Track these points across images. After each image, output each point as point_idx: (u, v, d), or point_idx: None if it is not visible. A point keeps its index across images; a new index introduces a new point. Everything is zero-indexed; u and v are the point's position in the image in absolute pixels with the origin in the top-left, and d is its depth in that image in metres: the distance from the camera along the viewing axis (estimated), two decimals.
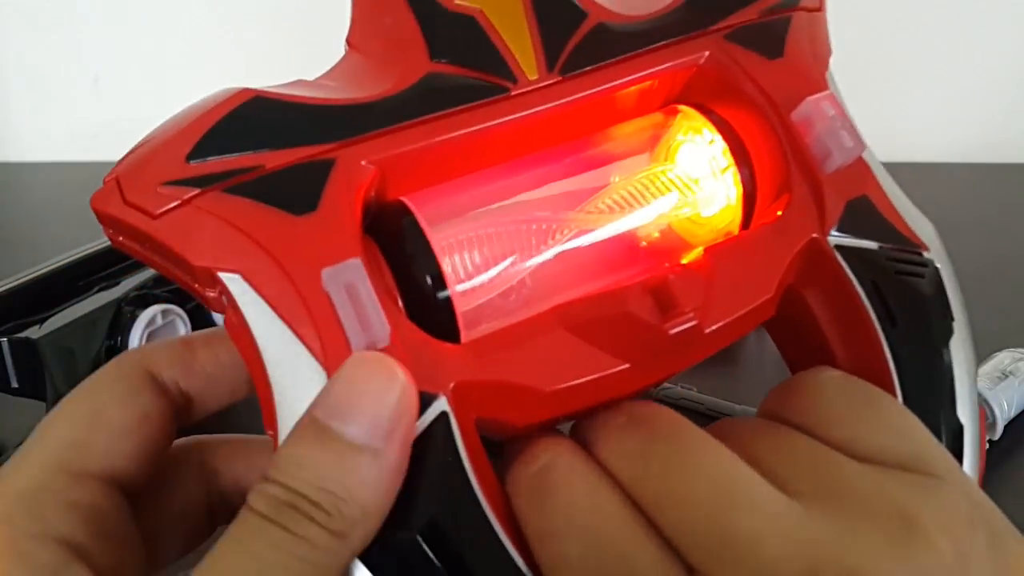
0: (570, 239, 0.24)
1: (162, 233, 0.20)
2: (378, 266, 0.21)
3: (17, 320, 0.40)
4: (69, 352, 0.39)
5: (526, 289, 0.23)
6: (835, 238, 0.24)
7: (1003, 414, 0.41)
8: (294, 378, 0.19)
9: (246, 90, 0.21)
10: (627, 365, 0.21)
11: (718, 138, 0.25)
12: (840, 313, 0.24)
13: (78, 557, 0.20)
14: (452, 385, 0.20)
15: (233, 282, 0.20)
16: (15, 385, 0.39)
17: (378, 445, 0.18)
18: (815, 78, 0.25)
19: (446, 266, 0.22)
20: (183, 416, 0.24)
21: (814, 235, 0.24)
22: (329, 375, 0.19)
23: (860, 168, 0.24)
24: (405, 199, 0.23)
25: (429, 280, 0.21)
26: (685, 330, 0.21)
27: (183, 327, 0.43)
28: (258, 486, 0.19)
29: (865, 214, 0.24)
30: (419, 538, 0.19)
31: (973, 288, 0.25)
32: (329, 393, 0.19)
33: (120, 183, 0.20)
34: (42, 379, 0.38)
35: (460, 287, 0.22)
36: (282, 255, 0.20)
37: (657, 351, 0.22)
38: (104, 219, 0.21)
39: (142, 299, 0.42)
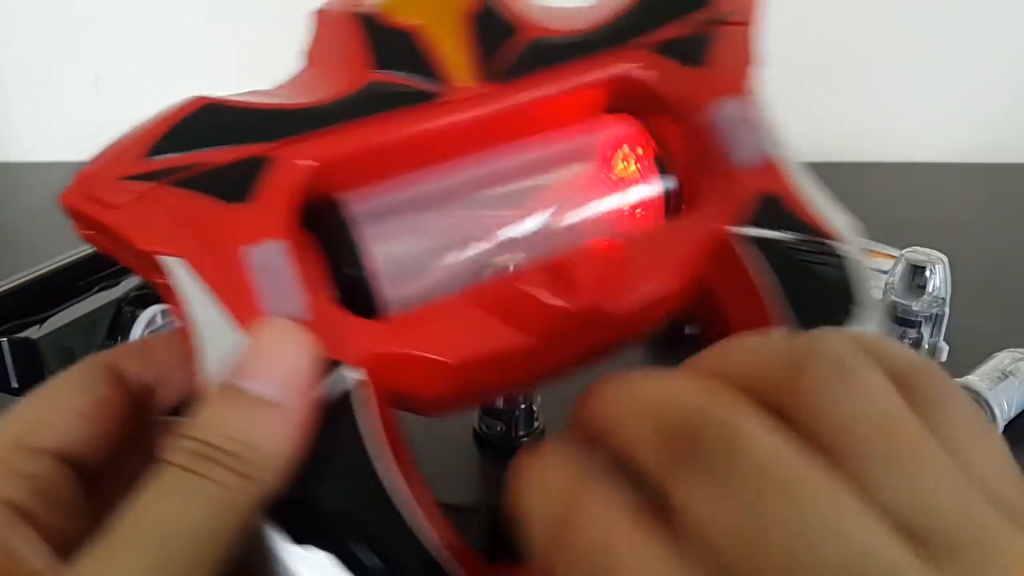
0: (500, 235, 0.26)
1: (116, 223, 0.22)
2: (313, 257, 0.23)
3: (17, 320, 0.40)
4: (69, 352, 0.39)
5: (455, 279, 0.25)
6: (744, 230, 0.25)
7: (1003, 414, 0.41)
8: (216, 346, 0.21)
9: (200, 98, 0.24)
10: (530, 341, 0.23)
11: (644, 143, 0.27)
12: (748, 301, 0.25)
13: (25, 520, 0.22)
14: (362, 356, 0.22)
15: (170, 264, 0.22)
16: (15, 385, 0.39)
17: (282, 399, 0.20)
18: (733, 84, 0.27)
19: (372, 257, 0.24)
20: (146, 405, 0.26)
21: (723, 227, 0.25)
22: None
23: (770, 166, 0.26)
24: (339, 195, 0.25)
25: (355, 270, 0.24)
26: (582, 309, 0.23)
27: None
28: (173, 442, 0.20)
29: (775, 209, 0.26)
30: (317, 499, 0.21)
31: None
32: (239, 355, 0.21)
33: (84, 180, 0.22)
34: (42, 379, 0.38)
35: (385, 277, 0.24)
36: (213, 237, 0.22)
37: (559, 329, 0.24)
38: (71, 213, 0.23)
39: (142, 299, 0.42)
